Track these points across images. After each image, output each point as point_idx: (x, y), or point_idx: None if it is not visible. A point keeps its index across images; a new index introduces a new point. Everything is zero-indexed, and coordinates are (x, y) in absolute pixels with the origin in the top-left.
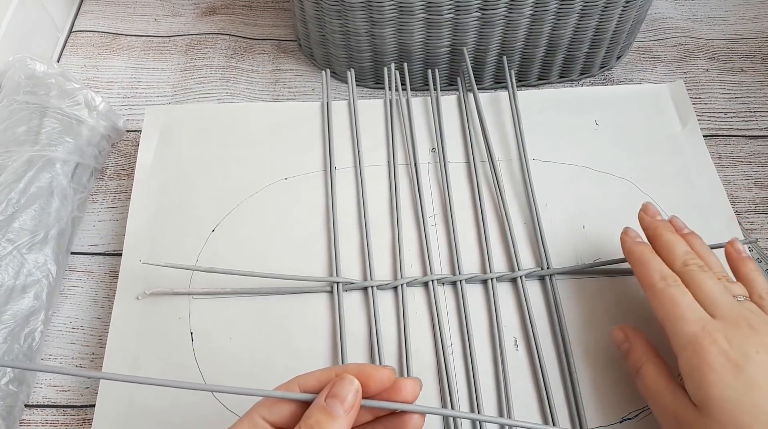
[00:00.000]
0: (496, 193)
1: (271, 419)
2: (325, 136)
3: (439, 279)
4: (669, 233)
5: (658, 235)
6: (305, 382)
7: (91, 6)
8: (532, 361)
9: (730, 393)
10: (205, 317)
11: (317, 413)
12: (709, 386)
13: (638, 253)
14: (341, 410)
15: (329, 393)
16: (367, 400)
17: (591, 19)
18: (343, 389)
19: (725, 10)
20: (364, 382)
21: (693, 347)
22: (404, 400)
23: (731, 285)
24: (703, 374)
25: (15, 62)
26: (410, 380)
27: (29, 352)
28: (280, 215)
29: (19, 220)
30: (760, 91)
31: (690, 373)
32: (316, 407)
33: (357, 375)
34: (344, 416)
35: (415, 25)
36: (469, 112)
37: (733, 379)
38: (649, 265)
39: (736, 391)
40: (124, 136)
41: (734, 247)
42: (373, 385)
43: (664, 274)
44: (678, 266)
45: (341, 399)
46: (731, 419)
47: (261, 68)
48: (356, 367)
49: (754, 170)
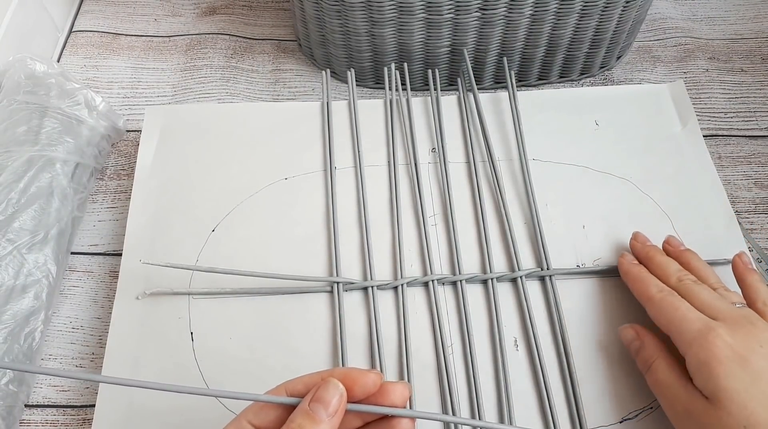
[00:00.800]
0: (496, 193)
1: (257, 423)
2: (325, 136)
3: (439, 279)
4: (660, 255)
5: (650, 257)
6: (293, 386)
7: (91, 6)
8: (532, 361)
9: (738, 384)
10: (205, 317)
11: (300, 417)
12: (718, 378)
13: (635, 273)
14: (324, 414)
15: (313, 397)
16: (354, 405)
17: (591, 19)
18: (328, 393)
19: (725, 10)
20: (349, 387)
21: (699, 342)
22: (392, 404)
23: (728, 293)
24: (711, 368)
25: (15, 62)
26: (398, 384)
27: (29, 352)
28: (280, 215)
29: (19, 220)
30: (760, 91)
31: (698, 368)
32: (299, 411)
33: (342, 379)
34: (327, 421)
35: (415, 25)
36: (469, 112)
37: (740, 371)
38: (645, 280)
39: (744, 382)
40: (124, 136)
41: (741, 259)
42: (358, 389)
43: (661, 287)
44: (673, 282)
45: (325, 403)
46: (741, 408)
47: (261, 68)
48: (342, 372)
49: (754, 170)
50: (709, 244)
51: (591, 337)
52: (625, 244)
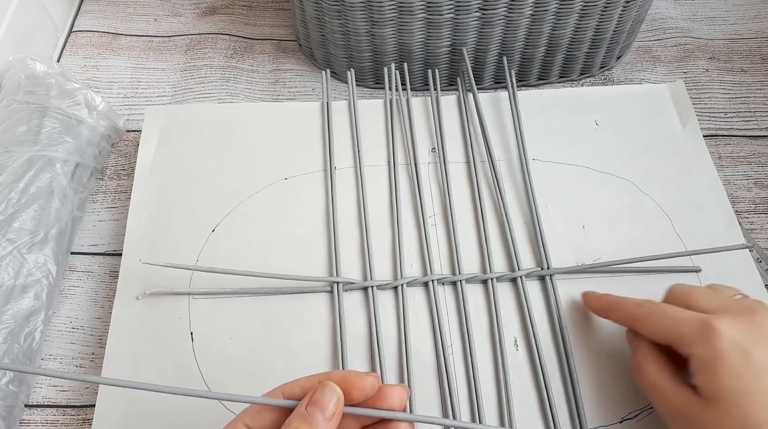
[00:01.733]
0: (496, 193)
1: (254, 426)
2: (325, 136)
3: (439, 279)
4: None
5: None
6: (290, 389)
7: (91, 6)
8: (532, 361)
9: (738, 383)
10: (205, 317)
11: (297, 420)
12: (720, 378)
13: (605, 301)
14: (321, 418)
15: (310, 401)
16: (351, 408)
17: (591, 19)
18: (324, 397)
19: (725, 10)
20: (347, 390)
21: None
22: (390, 407)
23: (724, 288)
24: (715, 368)
25: (15, 62)
26: (396, 387)
27: (29, 352)
28: (280, 215)
29: (19, 220)
30: (760, 91)
31: (701, 369)
32: (296, 415)
33: (340, 382)
34: (324, 424)
35: (415, 25)
36: (469, 112)
37: (743, 368)
38: (619, 302)
39: (745, 380)
40: (124, 136)
41: None
42: (356, 392)
43: (639, 302)
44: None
45: (322, 407)
46: (739, 409)
47: (261, 68)
48: (339, 375)
49: (754, 170)
50: (709, 244)
51: (591, 337)
52: (625, 244)
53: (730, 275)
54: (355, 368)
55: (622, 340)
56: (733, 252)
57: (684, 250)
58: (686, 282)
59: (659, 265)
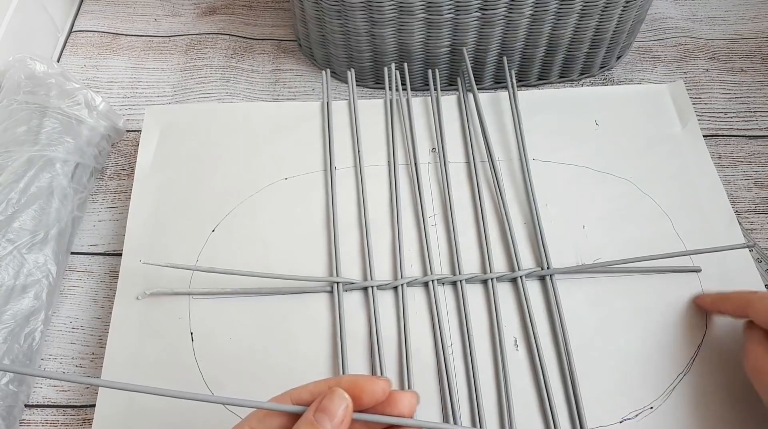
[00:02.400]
0: (496, 193)
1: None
2: (325, 136)
3: (439, 279)
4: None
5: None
6: (298, 394)
7: (91, 6)
8: (532, 361)
9: None
10: (205, 317)
11: (305, 427)
12: None
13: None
14: (329, 425)
15: (318, 407)
16: (360, 414)
17: (591, 19)
18: (333, 404)
19: (725, 10)
20: (357, 395)
21: None
22: (400, 414)
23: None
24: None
25: (15, 62)
26: (407, 393)
27: (29, 352)
28: (280, 215)
29: (19, 220)
30: (760, 91)
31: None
32: (304, 421)
33: (350, 387)
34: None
35: (415, 25)
36: (469, 112)
37: None
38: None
39: None
40: (124, 136)
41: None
42: (366, 398)
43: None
44: None
45: (330, 414)
46: None
47: (261, 68)
48: (350, 379)
49: (754, 170)
50: (709, 244)
51: (591, 337)
52: (625, 243)
53: (730, 275)
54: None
55: (622, 340)
56: (733, 252)
57: (684, 250)
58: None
59: (659, 264)
